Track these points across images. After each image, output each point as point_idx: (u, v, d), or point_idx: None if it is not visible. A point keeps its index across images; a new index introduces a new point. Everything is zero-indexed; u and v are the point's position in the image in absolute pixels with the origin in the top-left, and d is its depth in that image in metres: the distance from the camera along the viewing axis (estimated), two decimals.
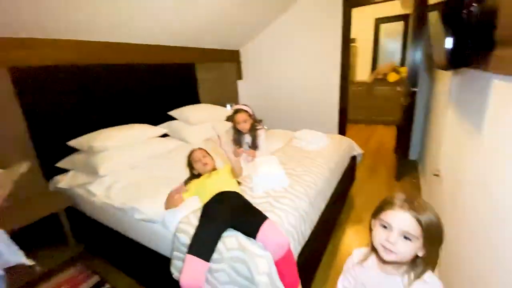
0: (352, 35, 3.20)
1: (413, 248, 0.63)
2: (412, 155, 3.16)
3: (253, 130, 1.95)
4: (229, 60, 3.68)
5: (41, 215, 1.53)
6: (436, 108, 2.10)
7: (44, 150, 1.81)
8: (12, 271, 0.92)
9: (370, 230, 0.72)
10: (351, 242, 1.83)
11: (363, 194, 2.46)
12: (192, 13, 2.38)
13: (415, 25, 2.41)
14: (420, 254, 0.64)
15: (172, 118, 2.64)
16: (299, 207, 1.25)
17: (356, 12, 3.03)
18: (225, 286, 1.06)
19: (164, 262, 1.28)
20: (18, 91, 1.66)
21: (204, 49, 3.19)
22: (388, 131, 4.40)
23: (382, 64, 4.85)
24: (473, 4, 0.98)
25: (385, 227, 0.66)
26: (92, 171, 1.70)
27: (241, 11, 2.81)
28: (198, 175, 1.48)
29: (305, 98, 3.55)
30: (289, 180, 1.44)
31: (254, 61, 3.81)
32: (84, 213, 1.72)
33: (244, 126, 1.91)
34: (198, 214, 1.21)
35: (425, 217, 0.61)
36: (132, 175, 1.74)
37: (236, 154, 1.80)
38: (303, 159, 1.77)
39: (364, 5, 2.99)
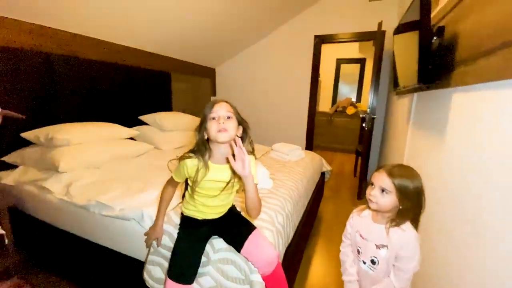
0: None
1: (390, 200, 0.83)
2: (369, 177, 3.46)
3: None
4: (205, 76, 3.74)
5: None
6: (393, 132, 2.40)
7: None
8: None
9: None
10: (323, 254, 1.85)
11: (329, 211, 2.57)
12: (175, 25, 2.43)
13: (375, 65, 2.82)
14: (401, 207, 0.83)
15: (139, 123, 2.50)
16: (285, 207, 1.26)
17: (322, 50, 3.42)
18: None
19: (137, 267, 1.13)
20: None
21: (182, 61, 3.20)
22: (347, 158, 4.78)
23: (342, 99, 5.41)
24: (434, 37, 1.22)
25: (372, 185, 0.88)
26: (49, 167, 1.49)
27: (221, 33, 2.97)
28: (203, 148, 0.93)
29: (275, 121, 3.74)
30: (272, 183, 1.45)
31: (228, 80, 3.93)
32: (30, 215, 1.46)
33: None
34: (179, 212, 1.12)
35: (398, 180, 0.82)
36: (96, 174, 1.56)
37: None
38: (282, 167, 1.82)
39: (332, 42, 3.41)
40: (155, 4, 2.02)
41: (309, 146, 3.59)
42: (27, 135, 1.62)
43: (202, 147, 0.92)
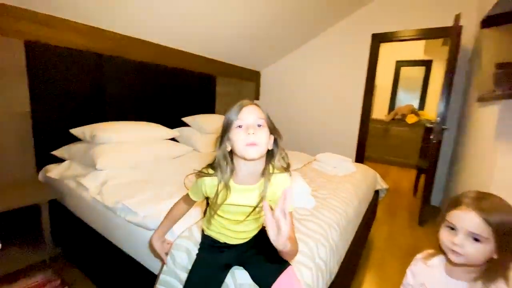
0: None
1: (484, 250, 0.58)
2: (434, 200, 2.90)
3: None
4: (249, 79, 3.64)
5: (20, 204, 1.31)
6: (473, 149, 1.91)
7: (43, 134, 1.64)
8: None
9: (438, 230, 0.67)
10: None
11: (382, 236, 2.18)
12: (221, 28, 2.37)
13: (449, 66, 2.34)
14: (495, 257, 0.58)
15: (182, 125, 2.49)
16: (329, 237, 1.02)
17: (380, 51, 3.01)
18: None
19: (153, 280, 1.02)
20: (29, 67, 1.54)
21: (227, 64, 3.15)
22: (404, 174, 4.17)
23: (401, 106, 4.78)
24: None
25: (451, 228, 0.62)
26: (89, 163, 1.51)
27: (268, 35, 2.82)
28: (224, 164, 0.75)
29: (323, 128, 3.44)
30: (314, 202, 1.21)
31: (273, 83, 3.77)
32: (69, 211, 1.49)
33: None
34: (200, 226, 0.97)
35: (495, 217, 0.56)
36: (131, 174, 1.53)
37: None
38: (327, 182, 1.55)
39: (392, 41, 2.98)
40: (202, 6, 1.97)
41: (360, 157, 3.19)
42: (75, 131, 1.69)
43: (223, 162, 0.73)
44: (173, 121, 2.44)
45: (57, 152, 1.67)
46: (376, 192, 2.08)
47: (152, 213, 1.09)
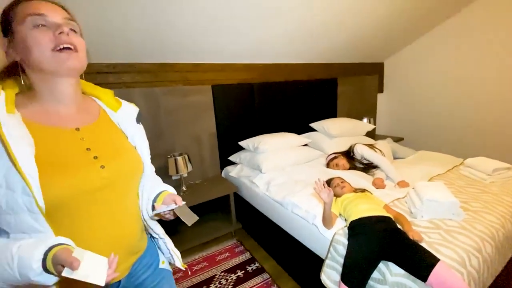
0: None
1: None
2: None
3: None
4: (371, 73, 3.55)
5: (219, 195, 2.05)
6: None
7: (223, 146, 2.41)
8: None
9: None
10: None
11: None
12: (340, 32, 2.49)
13: None
14: None
15: (311, 129, 2.82)
16: (482, 250, 1.07)
17: None
18: None
19: (314, 259, 1.41)
20: (214, 102, 2.29)
21: (347, 63, 3.23)
22: None
23: None
24: None
25: None
26: (256, 167, 2.12)
27: (394, 19, 2.63)
28: None
29: (468, 123, 2.93)
30: (463, 214, 1.25)
31: (400, 72, 3.50)
32: (245, 200, 2.15)
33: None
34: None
35: None
36: (284, 176, 2.00)
37: (379, 185, 1.74)
38: (481, 193, 1.47)
39: None
40: (319, 25, 2.22)
41: None
42: (242, 143, 2.37)
43: None
44: (302, 128, 2.83)
45: (232, 158, 2.41)
46: None
47: (309, 207, 1.49)
